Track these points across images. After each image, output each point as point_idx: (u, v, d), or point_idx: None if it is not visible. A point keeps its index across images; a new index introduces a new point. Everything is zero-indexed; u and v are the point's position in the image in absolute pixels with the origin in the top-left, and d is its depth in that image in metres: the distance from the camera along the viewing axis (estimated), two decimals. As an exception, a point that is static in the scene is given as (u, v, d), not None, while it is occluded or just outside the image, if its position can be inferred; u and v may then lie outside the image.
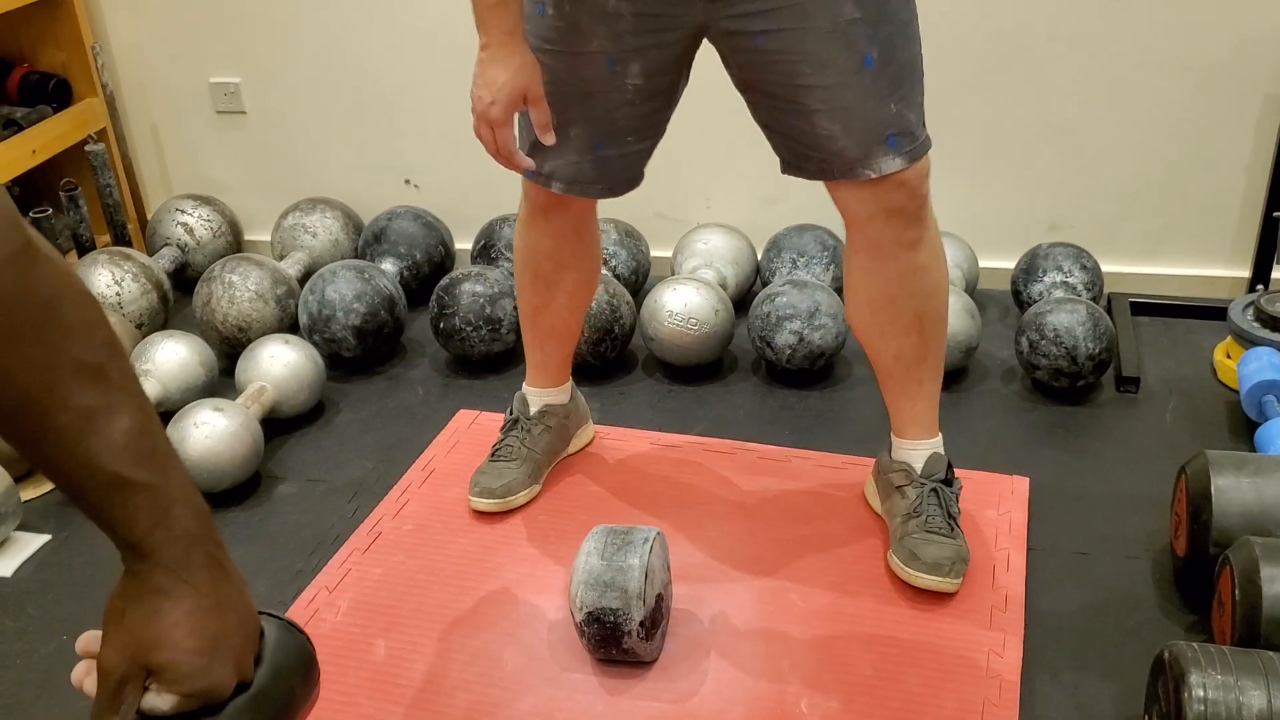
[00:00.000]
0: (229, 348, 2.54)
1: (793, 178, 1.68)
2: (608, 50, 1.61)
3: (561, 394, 2.08)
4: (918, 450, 1.85)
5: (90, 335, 0.78)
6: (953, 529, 1.79)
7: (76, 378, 0.77)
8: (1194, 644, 1.44)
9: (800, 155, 1.63)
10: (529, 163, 1.65)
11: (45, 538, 2.06)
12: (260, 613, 0.91)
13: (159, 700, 0.81)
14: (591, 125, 1.69)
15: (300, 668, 0.91)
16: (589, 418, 2.19)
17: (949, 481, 1.83)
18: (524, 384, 2.08)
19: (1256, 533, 1.65)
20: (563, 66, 1.63)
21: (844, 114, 1.55)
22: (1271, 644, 1.49)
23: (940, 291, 1.74)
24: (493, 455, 2.05)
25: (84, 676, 0.85)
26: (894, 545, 1.82)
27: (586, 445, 2.18)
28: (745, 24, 1.53)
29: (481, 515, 2.01)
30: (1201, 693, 1.37)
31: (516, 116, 1.61)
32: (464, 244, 2.93)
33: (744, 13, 1.53)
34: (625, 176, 1.78)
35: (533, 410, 2.05)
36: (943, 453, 1.85)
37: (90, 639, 0.85)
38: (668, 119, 1.75)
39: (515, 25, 1.54)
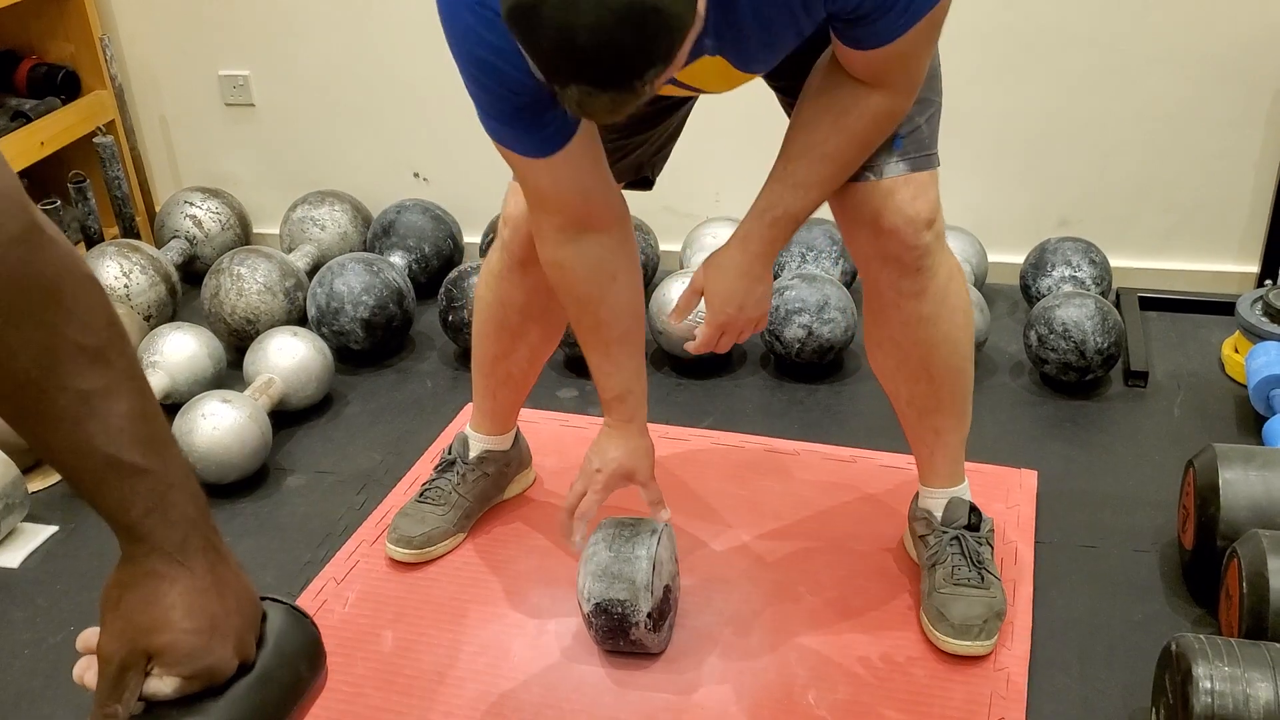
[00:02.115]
0: (237, 340, 2.55)
1: None
2: None
3: (504, 441, 1.98)
4: (937, 498, 1.76)
5: (92, 318, 0.79)
6: (983, 578, 1.69)
7: (76, 360, 0.77)
8: (1201, 636, 1.44)
9: None
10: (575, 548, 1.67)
11: (53, 529, 2.06)
12: (265, 598, 0.91)
13: (161, 684, 0.81)
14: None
15: (306, 651, 0.91)
16: (530, 462, 2.08)
17: (975, 526, 1.74)
18: (468, 425, 1.99)
19: (1264, 526, 1.64)
20: None
21: None
22: (1279, 636, 1.49)
23: (951, 343, 1.63)
24: (420, 495, 1.95)
25: (85, 671, 0.85)
26: (923, 601, 1.72)
27: (526, 490, 2.07)
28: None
29: (492, 508, 2.01)
30: (1208, 685, 1.37)
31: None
32: (473, 237, 2.93)
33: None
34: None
35: (471, 455, 1.95)
36: (966, 498, 1.76)
37: (91, 635, 0.85)
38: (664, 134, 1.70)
39: (633, 414, 1.65)
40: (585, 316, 1.59)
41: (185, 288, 2.83)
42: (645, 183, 1.74)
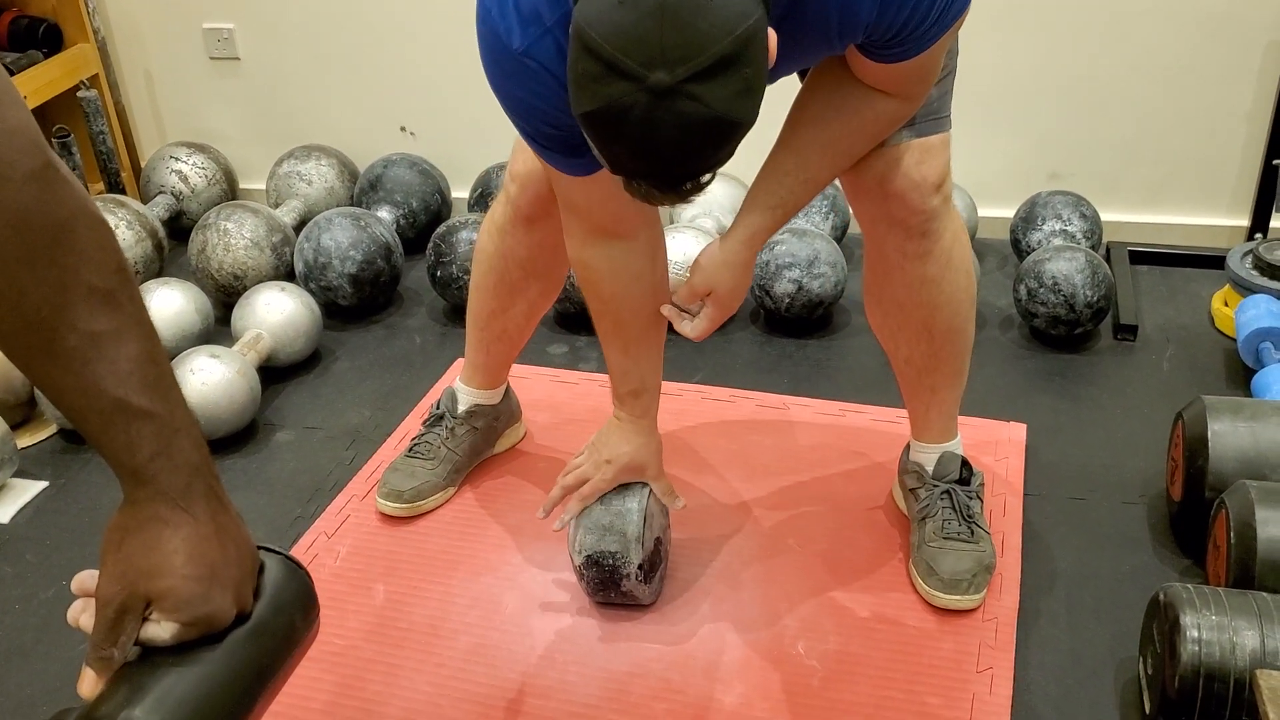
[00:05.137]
0: (225, 295, 2.53)
1: None
2: None
3: (494, 395, 1.97)
4: (929, 453, 1.77)
5: (103, 260, 0.78)
6: (973, 532, 1.70)
7: (87, 301, 0.77)
8: (1189, 586, 1.45)
9: None
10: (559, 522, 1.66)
11: (43, 484, 2.06)
12: (260, 548, 0.91)
13: (159, 630, 0.81)
14: None
15: (300, 602, 0.91)
16: (520, 416, 2.07)
17: (965, 481, 1.75)
18: (458, 378, 1.98)
19: (1252, 477, 1.65)
20: None
21: None
22: (1265, 586, 1.50)
23: (953, 305, 1.62)
24: (410, 450, 1.95)
25: (80, 613, 0.85)
26: (913, 554, 1.73)
27: (516, 444, 2.07)
28: None
29: (483, 462, 2.01)
30: (1196, 633, 1.38)
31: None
32: (460, 192, 2.91)
33: None
34: None
35: (460, 409, 1.95)
36: (958, 453, 1.76)
37: (86, 577, 0.85)
38: None
39: (646, 410, 1.65)
40: (606, 313, 1.59)
41: (172, 243, 2.80)
42: None
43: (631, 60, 1.03)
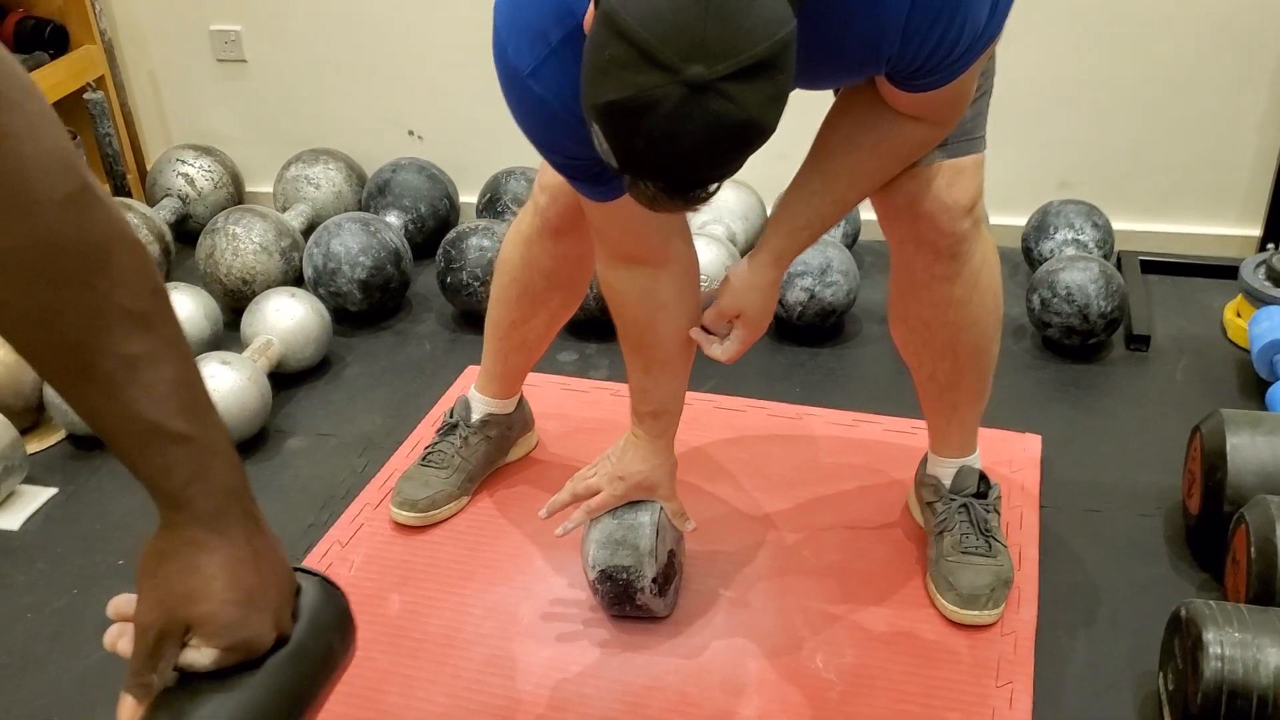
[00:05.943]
0: (233, 301, 2.52)
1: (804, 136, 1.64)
2: None
3: (508, 405, 1.97)
4: (947, 467, 1.76)
5: (139, 283, 0.77)
6: (991, 546, 1.69)
7: (122, 324, 0.76)
8: (1211, 602, 1.45)
9: None
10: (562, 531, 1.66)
11: (52, 491, 2.05)
12: (296, 569, 0.90)
13: (198, 655, 0.80)
14: None
15: (338, 624, 0.90)
16: (533, 424, 2.07)
17: (983, 494, 1.74)
18: (473, 386, 1.97)
19: (1271, 491, 1.65)
20: None
21: None
22: (1288, 602, 1.50)
23: (980, 325, 1.62)
24: (423, 459, 1.94)
25: (118, 638, 0.84)
26: (930, 569, 1.72)
27: (529, 453, 2.07)
28: None
29: (496, 471, 2.00)
30: (1219, 650, 1.38)
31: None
32: (469, 197, 2.90)
33: None
34: None
35: (474, 418, 1.94)
36: (976, 466, 1.75)
37: (122, 602, 0.84)
38: None
39: (664, 432, 1.63)
40: (629, 334, 1.58)
41: (178, 246, 2.79)
42: None
43: (669, 50, 0.97)
